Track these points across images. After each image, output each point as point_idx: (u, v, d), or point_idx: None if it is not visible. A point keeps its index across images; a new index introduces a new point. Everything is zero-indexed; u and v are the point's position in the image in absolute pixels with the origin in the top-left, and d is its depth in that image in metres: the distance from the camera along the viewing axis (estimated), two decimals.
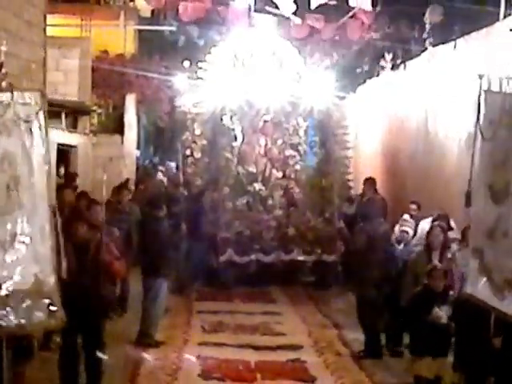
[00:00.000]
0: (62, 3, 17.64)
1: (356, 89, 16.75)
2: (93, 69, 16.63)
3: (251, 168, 13.70)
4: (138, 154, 21.20)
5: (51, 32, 13.39)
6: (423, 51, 13.02)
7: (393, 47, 14.67)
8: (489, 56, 9.93)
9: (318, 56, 16.37)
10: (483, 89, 6.21)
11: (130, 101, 18.52)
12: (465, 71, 10.83)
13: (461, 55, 11.12)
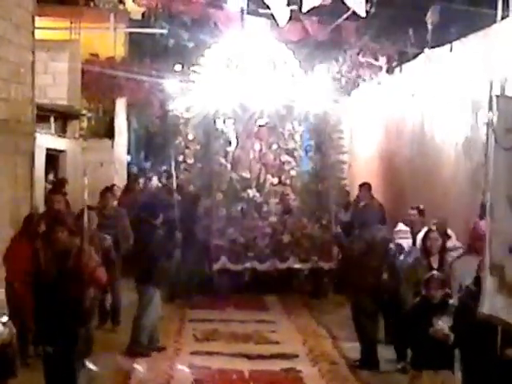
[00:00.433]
0: (51, 5, 17.65)
1: (350, 92, 16.82)
2: (82, 72, 16.64)
3: (245, 174, 13.60)
4: (129, 159, 21.25)
5: (40, 35, 13.46)
6: (419, 54, 13.12)
7: (389, 50, 14.73)
8: (486, 58, 10.03)
9: (313, 59, 16.42)
10: (495, 94, 6.12)
11: (121, 105, 18.57)
12: (461, 74, 10.93)
13: (457, 57, 11.20)
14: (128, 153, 20.88)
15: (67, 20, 18.19)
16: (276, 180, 13.73)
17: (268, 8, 14.03)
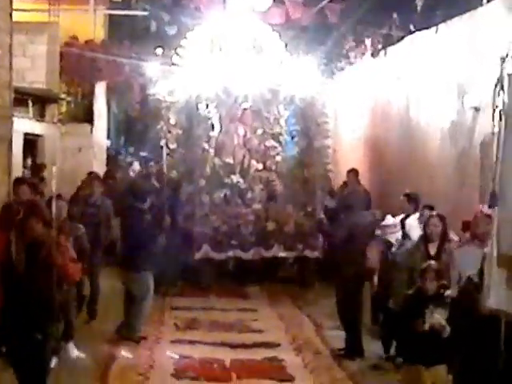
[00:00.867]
0: None
1: (334, 75, 16.81)
2: (61, 55, 16.61)
3: (229, 159, 13.54)
4: (109, 144, 21.20)
5: (18, 17, 13.36)
6: (404, 37, 13.15)
7: (373, 32, 14.73)
8: (471, 41, 10.10)
9: (299, 42, 16.42)
10: (507, 72, 5.69)
11: (100, 89, 18.52)
12: (447, 57, 10.99)
13: (443, 40, 11.25)
14: (108, 137, 20.85)
15: (46, 2, 18.08)
16: (261, 165, 13.69)
17: None
